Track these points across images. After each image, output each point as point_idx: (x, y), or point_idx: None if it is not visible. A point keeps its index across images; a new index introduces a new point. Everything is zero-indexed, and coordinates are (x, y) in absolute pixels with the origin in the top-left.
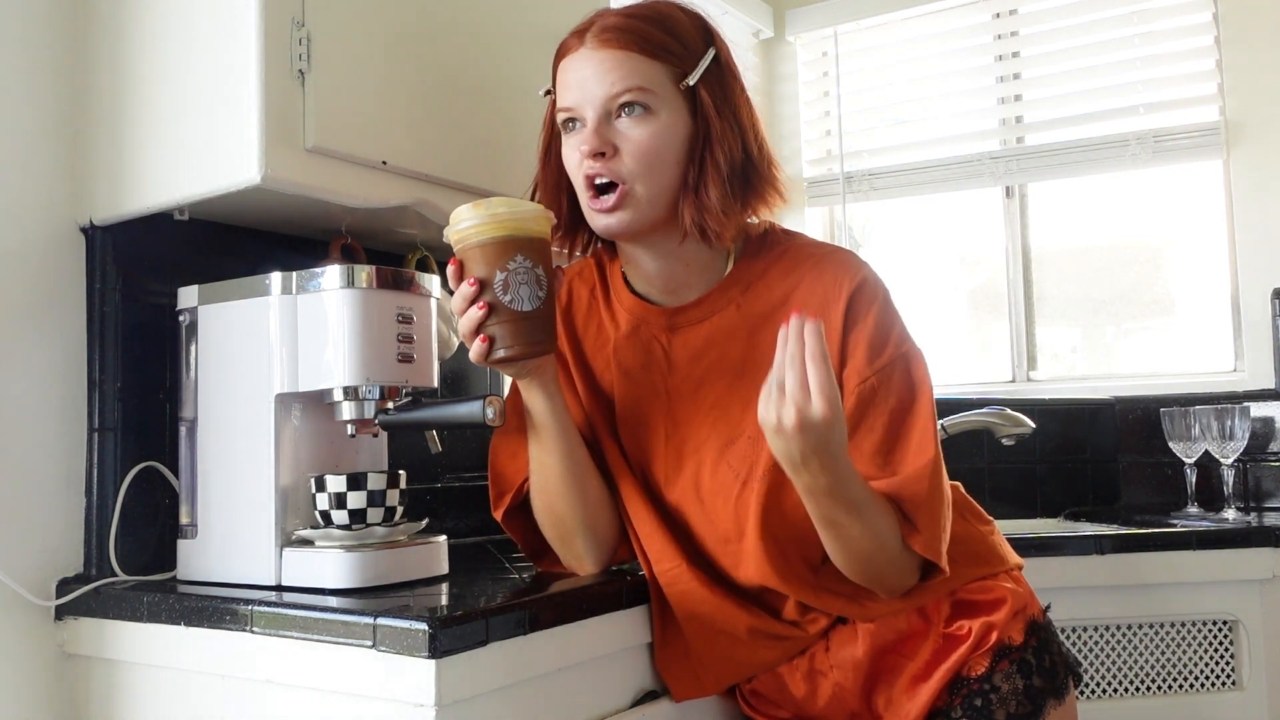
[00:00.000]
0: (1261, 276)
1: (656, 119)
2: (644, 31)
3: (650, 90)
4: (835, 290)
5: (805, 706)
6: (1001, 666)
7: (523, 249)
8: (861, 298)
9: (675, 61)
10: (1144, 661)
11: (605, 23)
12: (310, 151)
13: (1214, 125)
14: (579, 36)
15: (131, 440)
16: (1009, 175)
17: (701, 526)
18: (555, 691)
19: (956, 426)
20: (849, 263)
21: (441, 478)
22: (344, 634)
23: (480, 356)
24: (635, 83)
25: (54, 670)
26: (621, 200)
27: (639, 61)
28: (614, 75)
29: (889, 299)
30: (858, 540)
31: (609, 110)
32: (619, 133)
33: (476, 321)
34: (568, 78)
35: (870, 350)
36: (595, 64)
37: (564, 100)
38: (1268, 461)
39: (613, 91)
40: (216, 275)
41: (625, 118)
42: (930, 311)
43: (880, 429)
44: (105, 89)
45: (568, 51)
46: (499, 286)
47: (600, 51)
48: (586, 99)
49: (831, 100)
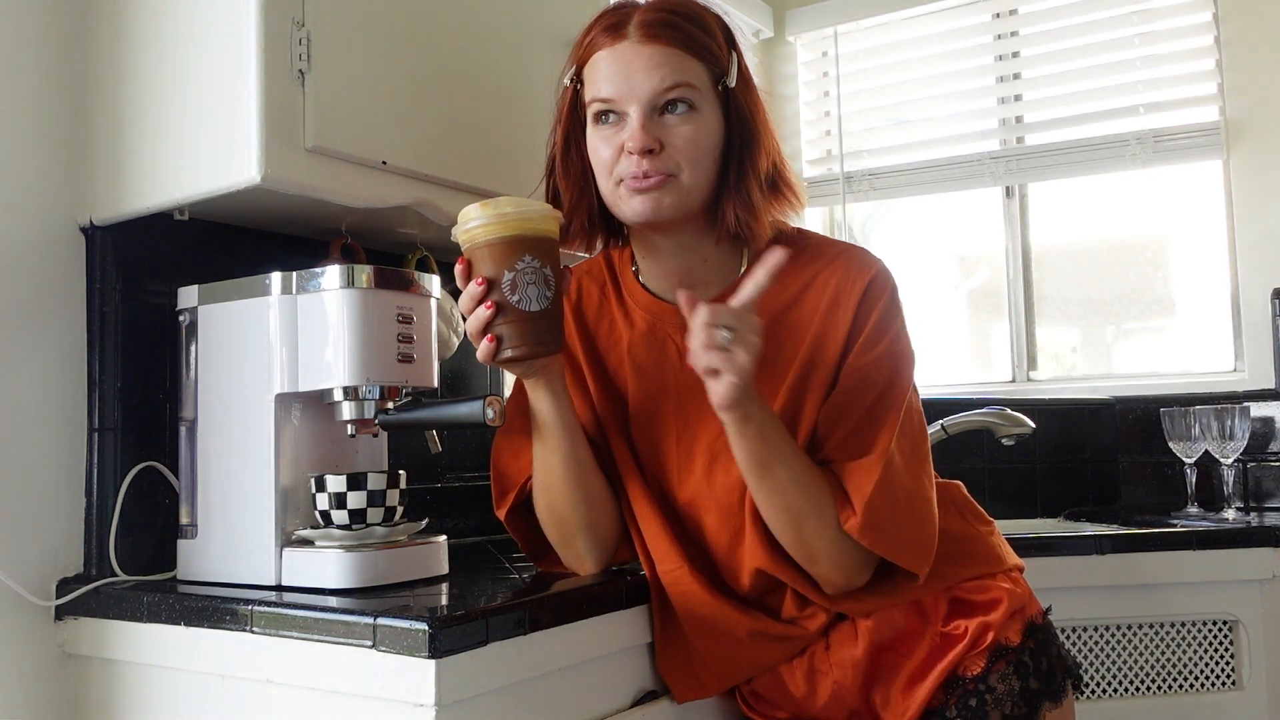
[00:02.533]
0: (1261, 276)
1: (700, 116)
2: (688, 30)
3: (695, 87)
4: (848, 286)
5: (805, 706)
6: (998, 667)
7: (530, 249)
8: (870, 293)
9: (713, 61)
10: (1144, 661)
11: (649, 17)
12: (310, 151)
13: (1214, 125)
14: (616, 29)
15: (131, 440)
16: (1009, 175)
17: (711, 524)
18: (555, 691)
19: (956, 426)
20: (862, 259)
21: (441, 478)
22: (344, 634)
23: (488, 356)
24: (684, 78)
25: (54, 670)
26: (663, 183)
27: (685, 59)
28: (663, 70)
29: (895, 296)
30: (786, 488)
31: (656, 105)
32: (665, 128)
33: (484, 321)
34: (610, 70)
35: (866, 342)
36: (644, 58)
37: (602, 92)
38: (1268, 461)
39: (662, 86)
40: (216, 275)
41: (671, 114)
42: (930, 311)
43: (853, 419)
44: (105, 89)
45: (603, 44)
46: (507, 286)
47: (648, 46)
48: (633, 93)
49: (831, 100)
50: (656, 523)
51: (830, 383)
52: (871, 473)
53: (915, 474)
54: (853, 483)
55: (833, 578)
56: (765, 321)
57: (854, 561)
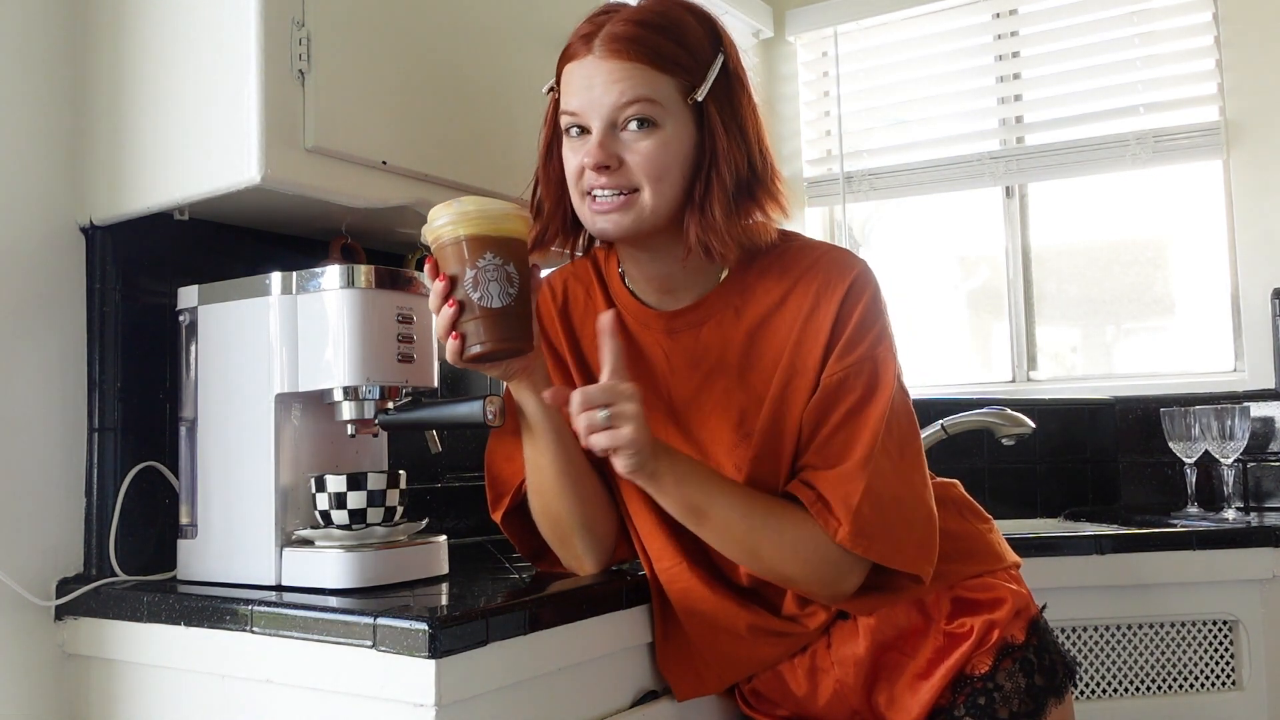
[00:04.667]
0: (1261, 276)
1: (662, 132)
2: (653, 42)
3: (657, 103)
4: (827, 291)
5: (806, 704)
6: (1004, 665)
7: (491, 247)
8: (849, 296)
9: (683, 74)
10: (1144, 661)
11: (615, 30)
12: (310, 151)
13: (1214, 125)
14: (587, 40)
15: (131, 440)
16: (1009, 175)
17: None
18: (555, 691)
19: (956, 426)
20: (843, 262)
21: (441, 478)
22: (344, 634)
23: (454, 355)
24: (642, 94)
25: (54, 670)
26: (622, 204)
27: (647, 73)
28: (621, 86)
29: (876, 297)
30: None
31: (614, 121)
32: (624, 144)
33: (449, 319)
34: (574, 82)
35: (845, 346)
36: (604, 73)
37: (569, 104)
38: (1268, 461)
39: (620, 102)
40: (216, 275)
41: (631, 130)
42: (930, 311)
43: (833, 424)
44: (105, 89)
45: (575, 55)
46: (469, 283)
47: (608, 61)
48: (592, 107)
49: (831, 100)
50: (651, 520)
51: (813, 389)
52: (855, 479)
53: (905, 475)
54: (836, 491)
55: (816, 591)
56: (748, 328)
57: (833, 573)
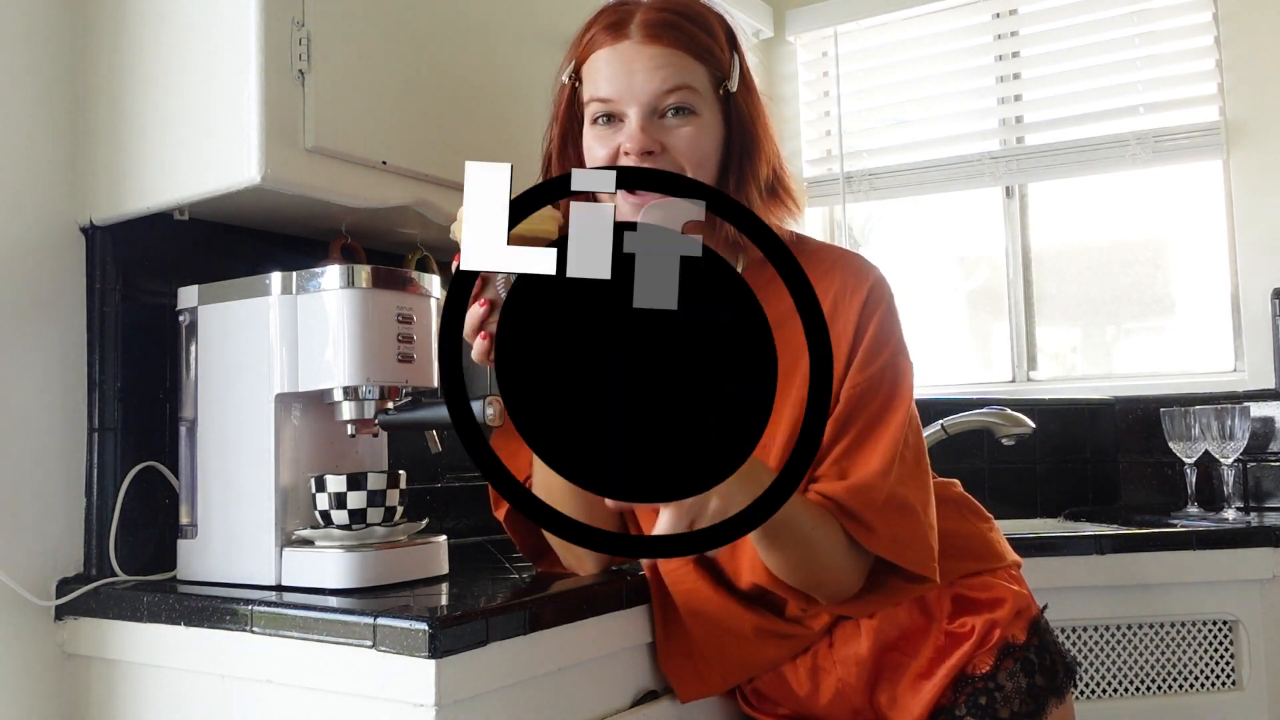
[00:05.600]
0: (1261, 276)
1: (700, 120)
2: (691, 31)
3: (696, 91)
4: (846, 296)
5: (808, 704)
6: (1006, 665)
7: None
8: (870, 302)
9: (714, 65)
10: (1143, 661)
11: (653, 17)
12: (310, 151)
13: (1214, 125)
14: (617, 29)
15: (131, 440)
16: (1009, 175)
17: None
18: (555, 691)
19: (956, 426)
20: (859, 267)
21: (441, 478)
22: (344, 634)
23: (482, 354)
24: (686, 81)
25: (54, 670)
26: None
27: (687, 61)
28: (665, 72)
29: (893, 305)
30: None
31: (655, 108)
32: (665, 131)
33: (478, 319)
34: (610, 69)
35: (866, 355)
36: (645, 59)
37: (599, 91)
38: (1268, 461)
39: (663, 88)
40: (216, 275)
41: (671, 117)
42: (930, 311)
43: (853, 434)
44: (105, 89)
45: (603, 43)
46: (500, 284)
47: (650, 47)
48: (632, 94)
49: (831, 100)
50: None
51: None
52: (879, 484)
53: (922, 482)
54: (860, 498)
55: (836, 595)
56: None
57: (847, 579)
